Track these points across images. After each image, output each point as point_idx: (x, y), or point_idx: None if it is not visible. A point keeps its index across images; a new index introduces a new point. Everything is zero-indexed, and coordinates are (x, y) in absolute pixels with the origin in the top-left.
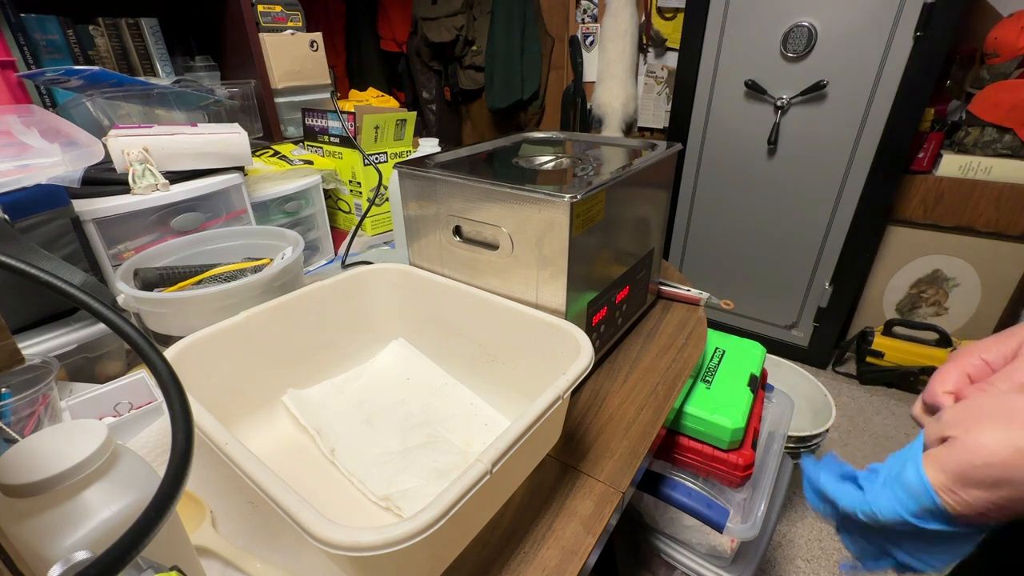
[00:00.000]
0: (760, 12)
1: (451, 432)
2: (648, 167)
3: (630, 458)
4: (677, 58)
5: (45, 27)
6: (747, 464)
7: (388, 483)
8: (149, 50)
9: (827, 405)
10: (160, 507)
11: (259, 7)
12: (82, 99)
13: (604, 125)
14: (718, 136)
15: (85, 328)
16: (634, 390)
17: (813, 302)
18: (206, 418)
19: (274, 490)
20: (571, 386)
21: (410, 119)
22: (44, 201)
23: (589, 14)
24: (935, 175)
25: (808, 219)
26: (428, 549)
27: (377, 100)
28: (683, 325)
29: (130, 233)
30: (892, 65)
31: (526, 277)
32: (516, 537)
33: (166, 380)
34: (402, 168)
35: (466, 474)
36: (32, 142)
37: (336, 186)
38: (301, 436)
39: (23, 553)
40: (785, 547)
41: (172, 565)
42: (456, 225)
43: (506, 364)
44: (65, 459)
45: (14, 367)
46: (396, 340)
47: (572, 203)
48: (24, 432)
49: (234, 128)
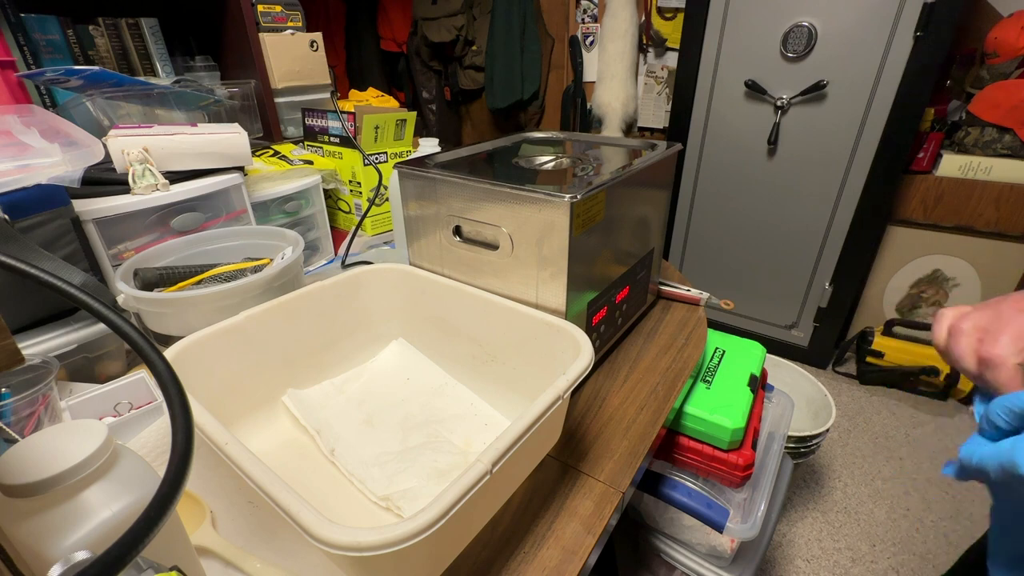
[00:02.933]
0: (760, 12)
1: (451, 432)
2: (648, 167)
3: (630, 458)
4: (677, 58)
5: (45, 27)
6: (747, 464)
7: (388, 483)
8: (149, 50)
9: (827, 405)
10: (160, 507)
11: (259, 7)
12: (82, 99)
13: (604, 125)
14: (718, 136)
15: (85, 328)
16: (634, 390)
17: (813, 302)
18: (206, 418)
19: (274, 490)
20: (571, 386)
21: (410, 119)
22: (44, 201)
23: (589, 14)
24: (935, 175)
25: (808, 219)
26: (428, 549)
27: (377, 100)
28: (683, 325)
29: (130, 233)
30: (892, 65)
31: (526, 277)
32: (516, 537)
33: (166, 380)
34: (402, 168)
35: (466, 474)
36: (32, 142)
37: (336, 186)
38: (301, 436)
39: (23, 553)
40: (785, 547)
41: (172, 565)
42: (456, 225)
43: (506, 364)
44: (65, 459)
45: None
46: (396, 340)
47: (572, 203)
48: (24, 432)
49: (234, 128)
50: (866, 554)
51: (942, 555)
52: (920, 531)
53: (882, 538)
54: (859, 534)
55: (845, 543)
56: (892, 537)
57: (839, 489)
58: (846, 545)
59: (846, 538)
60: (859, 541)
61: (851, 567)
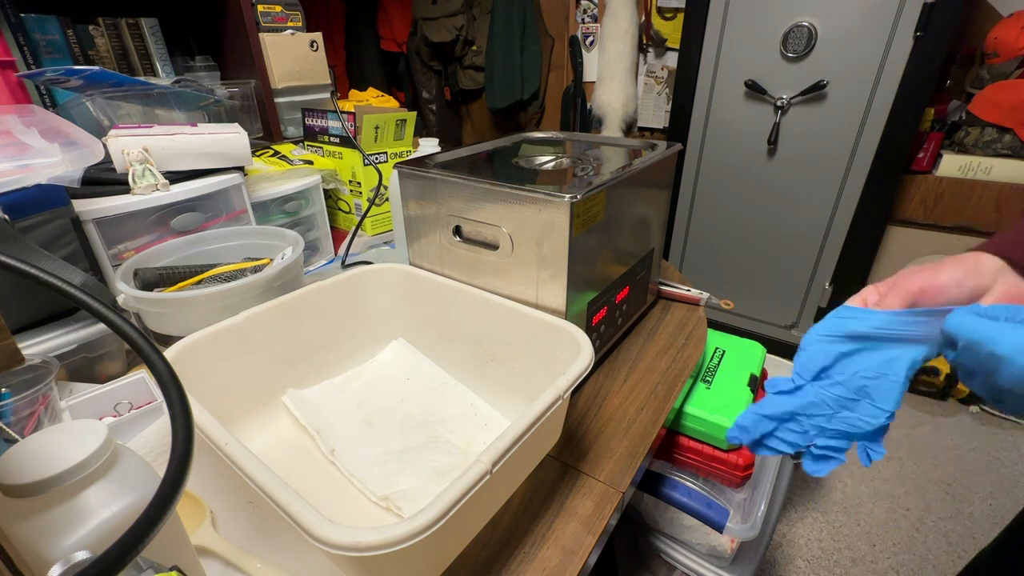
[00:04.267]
0: (760, 12)
1: (451, 432)
2: (648, 167)
3: (630, 458)
4: (677, 58)
5: (45, 27)
6: (747, 464)
7: (388, 483)
8: (149, 50)
9: None
10: (160, 507)
11: (259, 7)
12: (82, 99)
13: (604, 125)
14: (718, 136)
15: (85, 328)
16: (634, 390)
17: (813, 302)
18: (206, 418)
19: (274, 490)
20: (571, 386)
21: (410, 119)
22: (44, 201)
23: (589, 14)
24: (935, 175)
25: (808, 219)
26: (428, 549)
27: (377, 100)
28: (683, 325)
29: (130, 233)
30: (892, 65)
31: (526, 277)
32: (516, 537)
33: (166, 380)
34: (402, 168)
35: (466, 474)
36: (32, 142)
37: (336, 186)
38: (301, 436)
39: (23, 553)
40: (785, 547)
41: (172, 565)
42: (456, 225)
43: (506, 364)
44: (65, 459)
45: (14, 367)
46: (396, 340)
47: (572, 203)
48: (24, 432)
49: (234, 128)
50: (866, 554)
51: (942, 555)
52: (920, 531)
53: (882, 538)
54: (859, 534)
55: (845, 543)
56: (892, 537)
57: (839, 489)
58: (846, 545)
59: (846, 538)
60: (859, 541)
61: (851, 567)
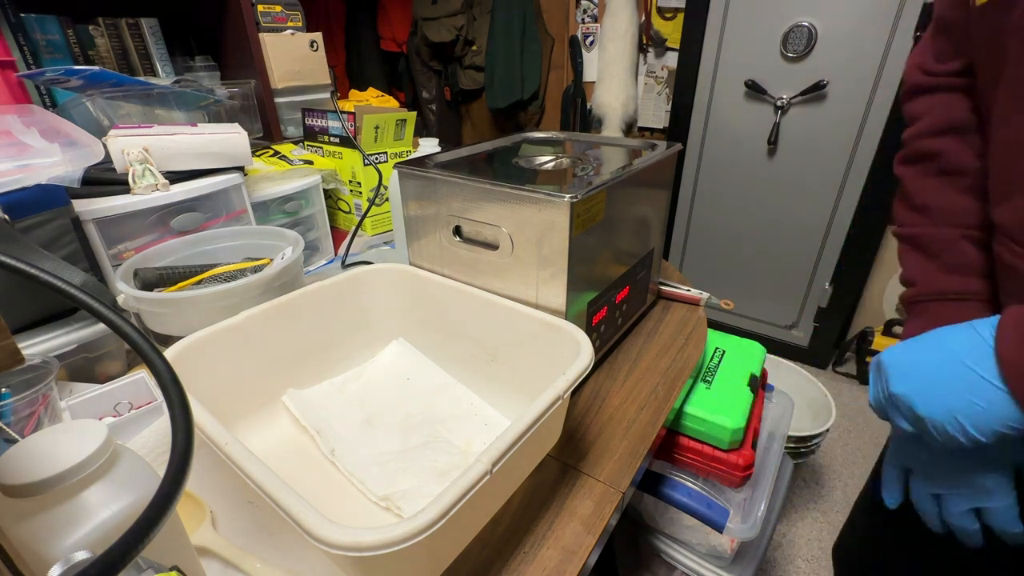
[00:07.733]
0: (760, 12)
1: (451, 432)
2: (648, 167)
3: (630, 458)
4: (677, 58)
5: (45, 27)
6: (747, 464)
7: (388, 483)
8: (149, 50)
9: (827, 405)
10: (160, 507)
11: (259, 7)
12: (82, 99)
13: (604, 125)
14: (718, 136)
15: (85, 328)
16: (634, 390)
17: (813, 302)
18: (206, 418)
19: (274, 490)
20: (571, 386)
21: (410, 119)
22: (44, 201)
23: (589, 14)
24: None
25: (808, 219)
26: (428, 549)
27: (377, 100)
28: (683, 325)
29: (130, 233)
30: (892, 65)
31: (526, 277)
32: (516, 537)
33: (166, 380)
34: (402, 168)
35: (466, 474)
36: (32, 142)
37: (336, 186)
38: (301, 436)
39: (23, 553)
40: (785, 547)
41: (172, 565)
42: (456, 225)
43: (506, 364)
44: (65, 459)
45: (14, 367)
46: (396, 340)
47: (572, 203)
48: (24, 432)
49: (234, 128)
50: None
51: None
52: None
53: None
54: None
55: None
56: None
57: (839, 489)
58: None
59: None
60: None
61: None
